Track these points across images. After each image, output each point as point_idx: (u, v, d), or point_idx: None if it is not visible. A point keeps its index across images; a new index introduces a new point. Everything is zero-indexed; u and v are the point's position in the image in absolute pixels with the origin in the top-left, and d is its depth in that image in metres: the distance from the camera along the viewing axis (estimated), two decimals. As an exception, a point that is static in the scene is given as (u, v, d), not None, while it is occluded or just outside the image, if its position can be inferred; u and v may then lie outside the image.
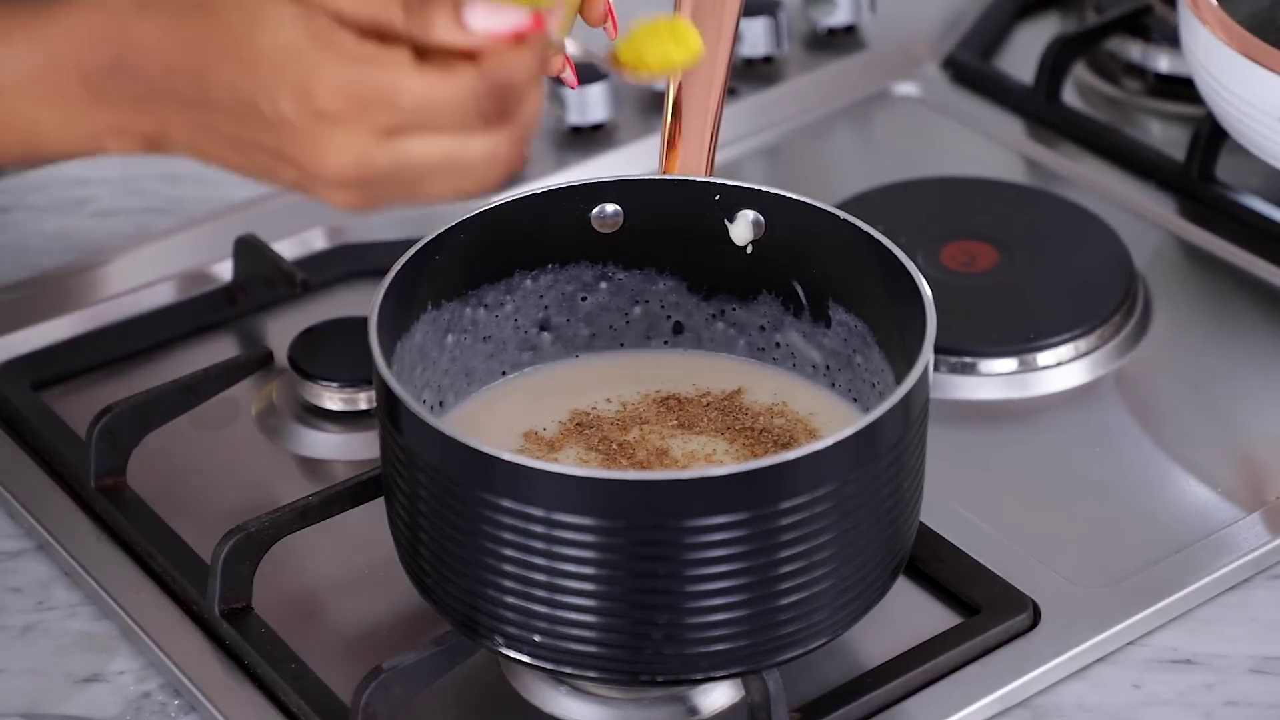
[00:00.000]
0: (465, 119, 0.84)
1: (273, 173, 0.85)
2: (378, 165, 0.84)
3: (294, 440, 1.17)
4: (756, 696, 0.96)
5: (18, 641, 1.05)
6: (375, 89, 0.83)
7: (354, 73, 0.83)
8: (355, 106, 0.83)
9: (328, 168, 0.84)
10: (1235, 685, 1.02)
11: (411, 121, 0.83)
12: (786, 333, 1.07)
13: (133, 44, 0.85)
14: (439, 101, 0.83)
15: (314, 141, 0.83)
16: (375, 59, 0.83)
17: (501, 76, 0.84)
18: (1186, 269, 1.31)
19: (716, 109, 1.07)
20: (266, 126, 0.83)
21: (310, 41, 0.83)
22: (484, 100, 0.84)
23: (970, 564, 1.06)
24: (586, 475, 0.90)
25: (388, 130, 0.83)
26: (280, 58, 0.83)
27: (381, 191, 0.85)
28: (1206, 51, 1.25)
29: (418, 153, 0.84)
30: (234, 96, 0.84)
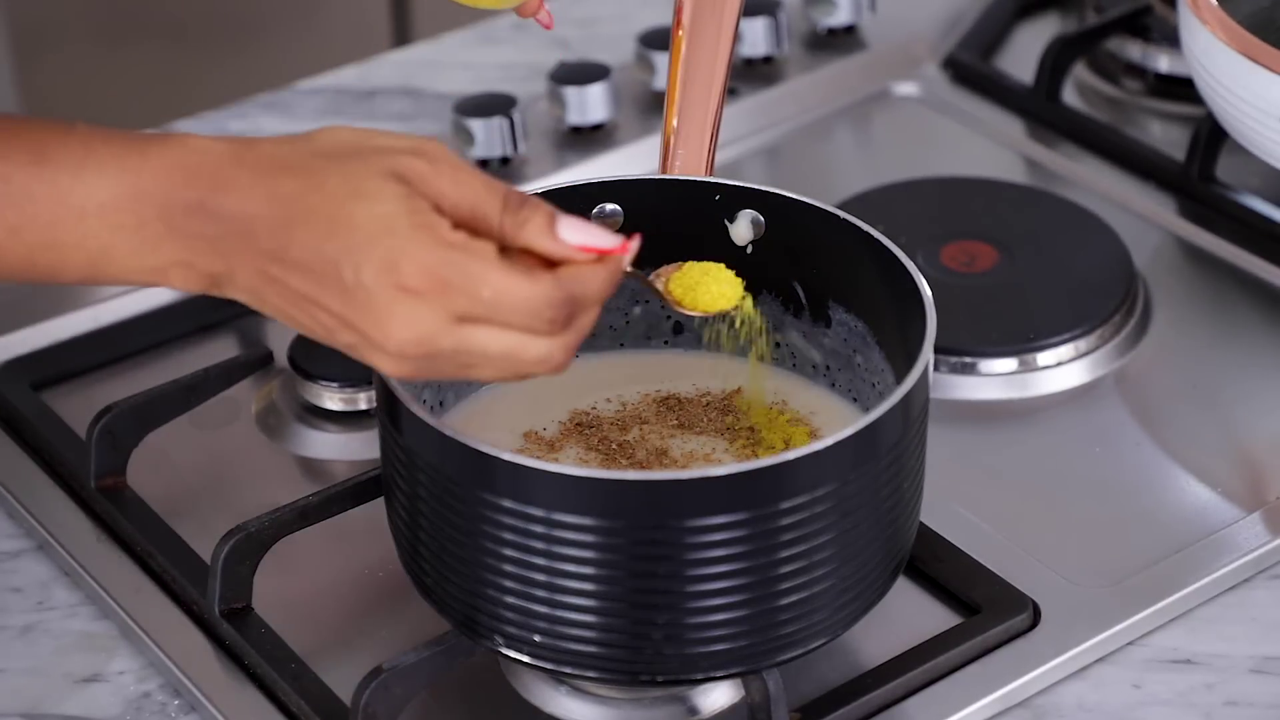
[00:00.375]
0: (533, 321, 0.87)
1: (332, 333, 0.88)
2: (441, 346, 0.86)
3: (294, 440, 1.17)
4: (756, 696, 0.96)
5: (18, 641, 1.05)
6: (460, 274, 0.85)
7: (442, 255, 0.85)
8: (437, 287, 0.85)
9: (393, 339, 0.86)
10: (1235, 685, 1.02)
11: (484, 313, 0.86)
12: (786, 333, 1.07)
13: (221, 188, 0.87)
14: (515, 301, 0.86)
15: (389, 312, 0.85)
16: (465, 247, 0.86)
17: (576, 290, 0.87)
18: (1186, 269, 1.31)
19: (716, 109, 1.07)
20: (341, 291, 0.86)
21: (408, 220, 0.86)
22: (555, 309, 0.87)
23: (970, 564, 1.06)
24: (586, 475, 0.90)
25: (460, 316, 0.86)
26: (375, 228, 0.85)
27: (433, 369, 0.88)
28: (1206, 51, 1.25)
29: (481, 342, 0.87)
30: (316, 256, 0.86)
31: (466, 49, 1.52)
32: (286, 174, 0.87)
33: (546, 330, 0.87)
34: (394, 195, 0.86)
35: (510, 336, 0.87)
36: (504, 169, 1.35)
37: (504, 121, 1.34)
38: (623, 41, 1.47)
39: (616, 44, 1.48)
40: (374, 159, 0.87)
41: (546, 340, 0.87)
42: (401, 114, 1.44)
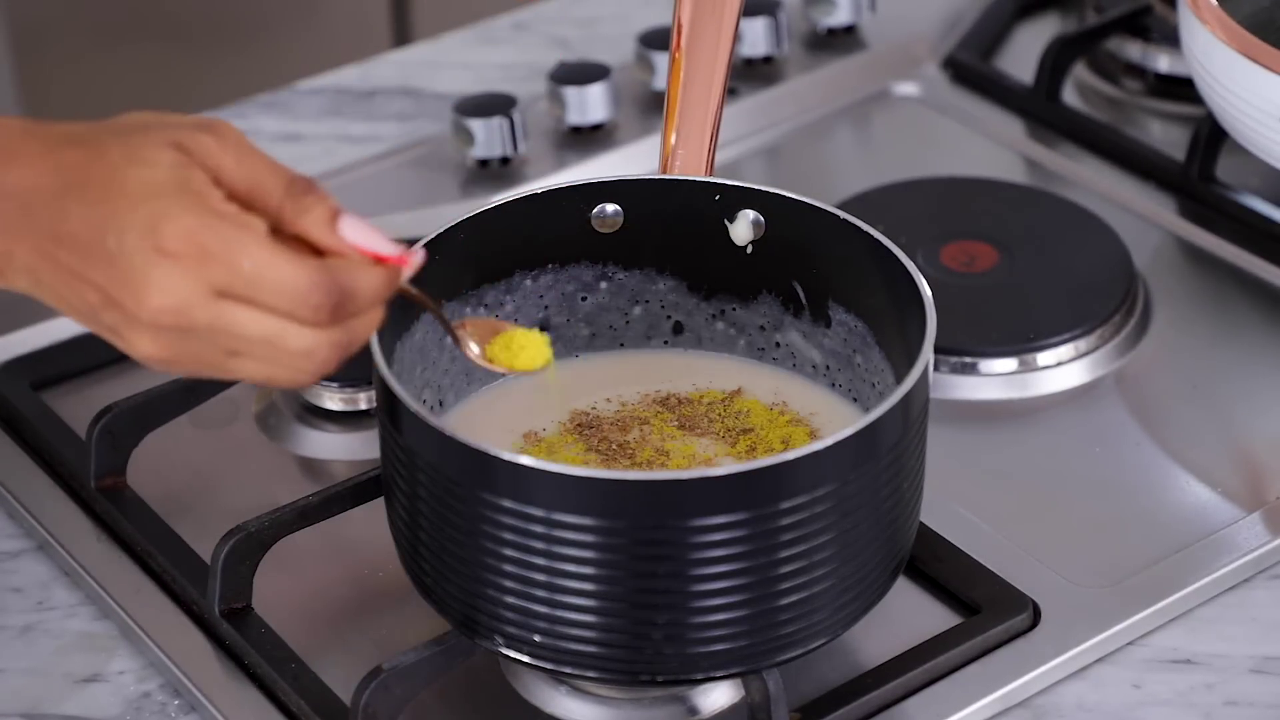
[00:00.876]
0: (295, 306, 0.84)
1: (96, 314, 0.86)
2: (196, 318, 0.84)
3: (294, 440, 1.17)
4: (756, 696, 0.96)
5: (18, 641, 1.05)
6: (220, 243, 0.83)
7: (206, 221, 0.84)
8: (195, 252, 0.83)
9: (147, 305, 0.84)
10: (1235, 685, 1.02)
11: (243, 289, 0.84)
12: (786, 333, 1.07)
13: (9, 162, 0.86)
14: (276, 279, 0.84)
15: (145, 277, 0.83)
16: (232, 217, 0.84)
17: (345, 280, 0.85)
18: (1186, 269, 1.31)
19: (716, 109, 1.07)
20: (105, 261, 0.84)
21: (177, 186, 0.84)
22: (319, 294, 0.84)
23: (970, 564, 1.06)
24: (586, 475, 0.90)
25: (218, 289, 0.84)
26: (142, 193, 0.84)
27: (191, 351, 0.85)
28: (1206, 51, 1.25)
29: (239, 322, 0.84)
30: (85, 225, 0.84)
31: (466, 49, 1.52)
32: (72, 146, 0.86)
33: (311, 319, 0.85)
34: (169, 163, 0.84)
35: (269, 320, 0.84)
36: (504, 169, 1.35)
37: (504, 121, 1.34)
38: (623, 41, 1.47)
39: (616, 44, 1.48)
40: (158, 131, 0.85)
41: (311, 331, 0.85)
42: (401, 114, 1.44)
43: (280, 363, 0.86)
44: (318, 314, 0.85)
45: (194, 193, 0.84)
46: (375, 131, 1.42)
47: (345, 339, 0.86)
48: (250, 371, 0.86)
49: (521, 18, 1.54)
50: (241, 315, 0.84)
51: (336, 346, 0.86)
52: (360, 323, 0.87)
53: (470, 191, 1.34)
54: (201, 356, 0.86)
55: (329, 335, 0.86)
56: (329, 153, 1.40)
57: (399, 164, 1.38)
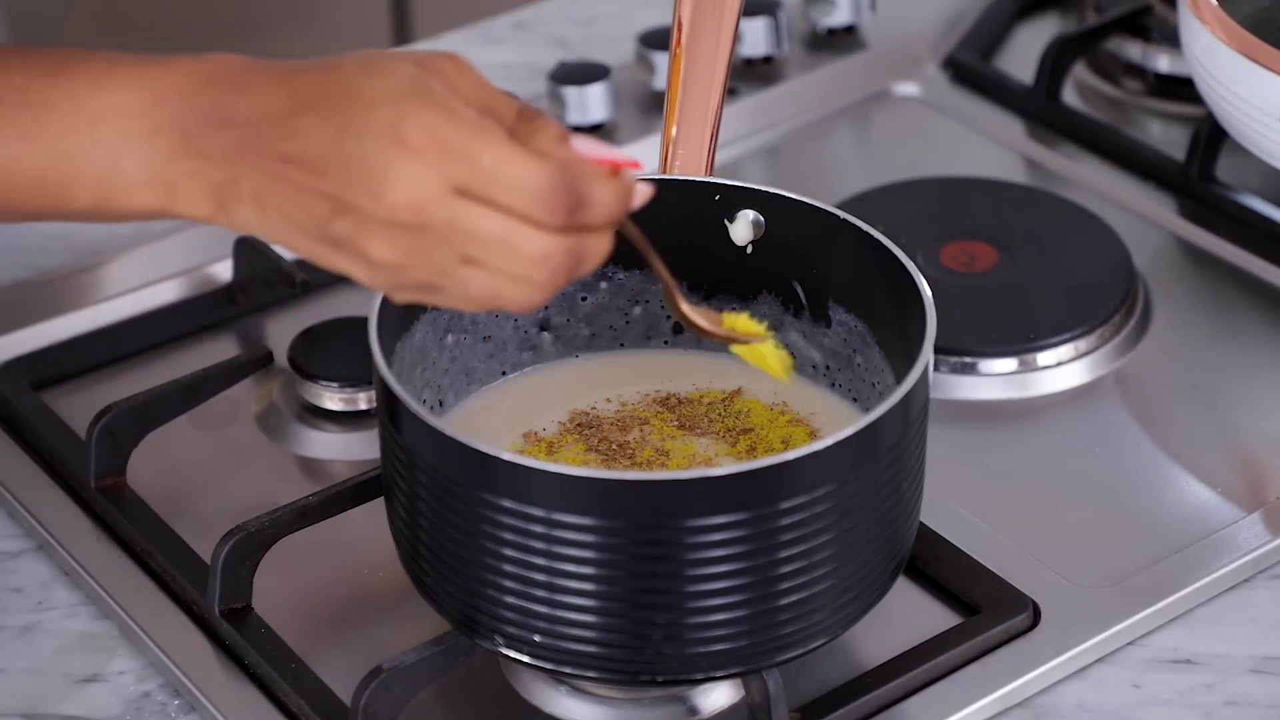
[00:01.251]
0: (531, 204, 0.83)
1: (325, 227, 0.84)
2: (434, 214, 0.83)
3: (294, 440, 1.17)
4: (756, 696, 0.96)
5: (18, 641, 1.05)
6: (462, 139, 0.83)
7: (448, 119, 0.83)
8: (437, 147, 0.83)
9: (386, 201, 0.83)
10: (1235, 685, 1.02)
11: (482, 186, 0.83)
12: (786, 333, 1.07)
13: (240, 90, 0.86)
14: (515, 173, 0.83)
15: (384, 172, 0.83)
16: (473, 119, 0.84)
17: (582, 183, 0.84)
18: (1186, 269, 1.31)
19: (716, 109, 1.07)
20: (341, 165, 0.83)
21: (418, 89, 0.84)
22: (558, 194, 0.84)
23: (970, 564, 1.06)
24: (586, 475, 0.90)
25: (458, 185, 0.83)
26: (383, 97, 0.84)
27: (423, 255, 0.84)
28: (1206, 51, 1.25)
29: (475, 221, 0.83)
30: (319, 136, 0.84)
31: (466, 49, 1.52)
32: (307, 70, 0.86)
33: (548, 219, 0.84)
34: (408, 72, 0.84)
35: (506, 221, 0.83)
36: (504, 169, 1.35)
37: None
38: (623, 41, 1.47)
39: (616, 44, 1.48)
40: (397, 55, 0.86)
41: (546, 235, 0.84)
42: (401, 114, 1.44)
43: (512, 270, 0.84)
44: (554, 214, 0.84)
45: (435, 94, 0.84)
46: (375, 131, 1.42)
47: (578, 249, 0.85)
48: (480, 284, 0.85)
49: (521, 18, 1.54)
50: (478, 215, 0.83)
51: (569, 255, 0.85)
52: (593, 240, 0.86)
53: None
54: (433, 261, 0.84)
55: (563, 242, 0.84)
56: (329, 153, 1.40)
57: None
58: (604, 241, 0.86)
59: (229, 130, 0.85)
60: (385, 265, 0.85)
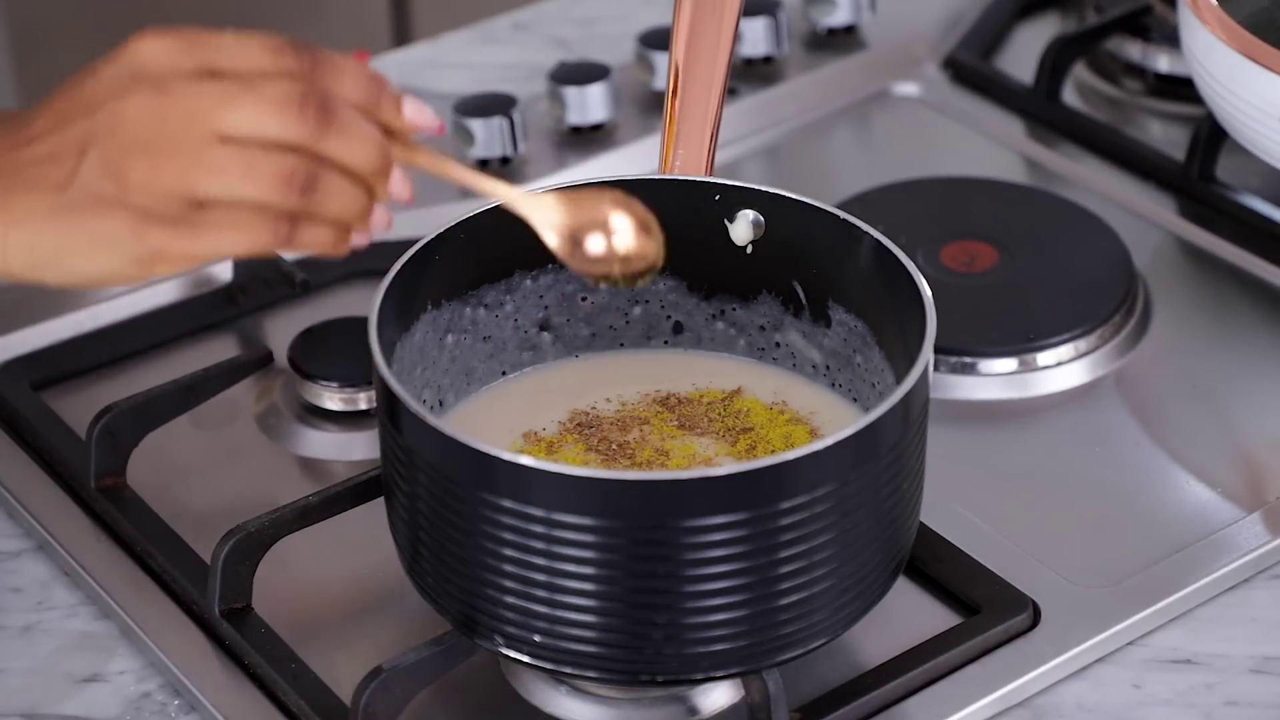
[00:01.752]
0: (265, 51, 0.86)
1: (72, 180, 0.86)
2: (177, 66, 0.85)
3: (294, 440, 1.17)
4: (756, 696, 0.96)
5: (18, 641, 1.05)
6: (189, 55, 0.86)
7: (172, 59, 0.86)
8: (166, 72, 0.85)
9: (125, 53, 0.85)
10: (1235, 685, 1.02)
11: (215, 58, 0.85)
12: (786, 333, 1.07)
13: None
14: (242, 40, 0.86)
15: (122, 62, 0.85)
16: None
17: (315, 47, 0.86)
18: (1186, 269, 1.31)
19: (716, 109, 1.07)
20: (78, 110, 0.85)
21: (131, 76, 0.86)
22: (289, 46, 0.86)
23: (970, 564, 1.06)
24: (586, 475, 0.90)
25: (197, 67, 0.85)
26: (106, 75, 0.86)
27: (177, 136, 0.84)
28: (1206, 51, 1.25)
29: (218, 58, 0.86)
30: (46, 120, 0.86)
31: (466, 49, 1.52)
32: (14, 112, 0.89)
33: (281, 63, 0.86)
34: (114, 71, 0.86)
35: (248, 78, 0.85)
36: (504, 169, 1.35)
37: (504, 121, 1.34)
38: (623, 41, 1.47)
39: (616, 44, 1.48)
40: None
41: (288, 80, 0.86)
42: (401, 114, 1.44)
43: (263, 107, 0.85)
44: (282, 56, 0.86)
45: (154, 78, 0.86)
46: (375, 131, 1.42)
47: (323, 101, 0.86)
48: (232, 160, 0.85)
49: (521, 18, 1.54)
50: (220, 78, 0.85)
51: (309, 100, 0.85)
52: (346, 114, 0.86)
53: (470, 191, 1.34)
54: (189, 140, 0.84)
55: (302, 88, 0.85)
56: (329, 153, 1.40)
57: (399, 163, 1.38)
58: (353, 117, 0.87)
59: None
60: (138, 180, 0.85)
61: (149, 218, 0.86)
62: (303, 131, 0.85)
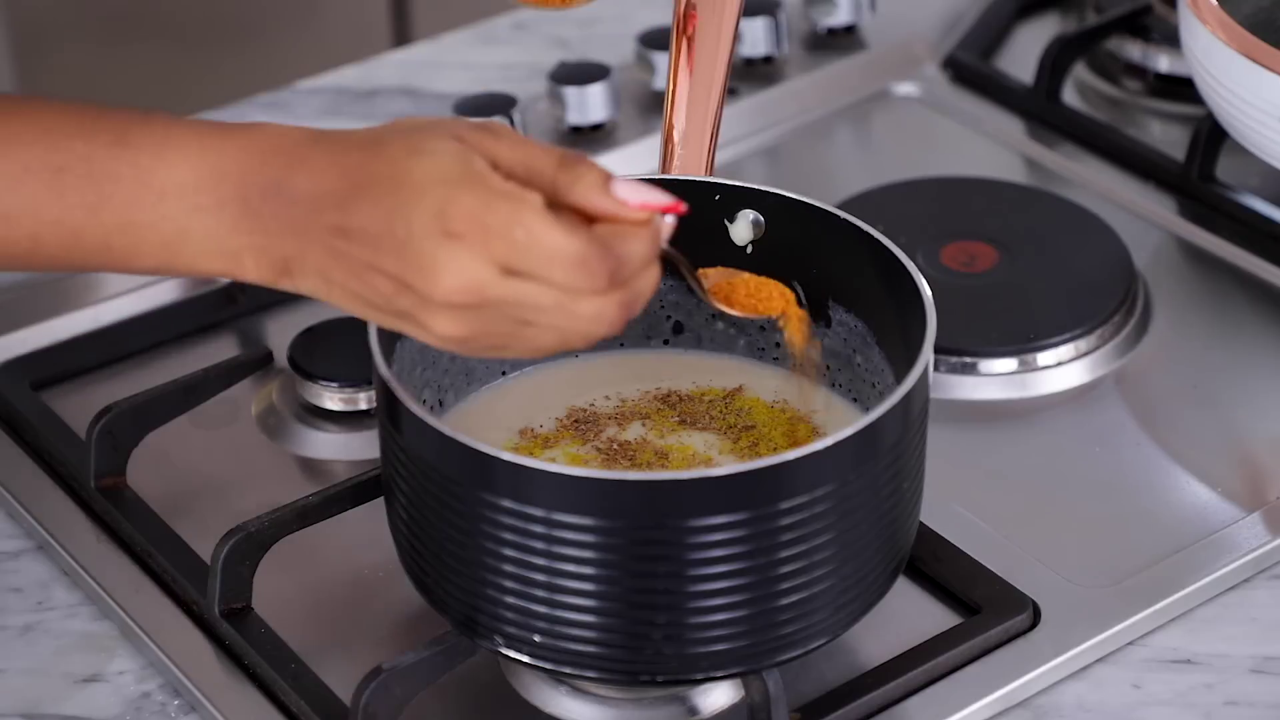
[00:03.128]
0: (572, 276, 0.86)
1: (391, 301, 0.88)
2: (490, 294, 0.86)
3: (294, 440, 1.17)
4: (756, 696, 0.96)
5: (18, 641, 1.05)
6: (499, 218, 0.86)
7: (487, 200, 0.86)
8: (478, 230, 0.86)
9: (441, 287, 0.86)
10: (1235, 685, 1.02)
11: (525, 262, 0.86)
12: (786, 333, 1.07)
13: (296, 167, 0.88)
14: (548, 247, 0.86)
15: (434, 260, 0.86)
16: (510, 194, 0.86)
17: (614, 242, 0.87)
18: (1186, 269, 1.31)
19: (716, 109, 1.07)
20: (395, 248, 0.86)
21: (459, 169, 0.86)
22: (595, 261, 0.86)
23: (970, 564, 1.06)
24: (586, 475, 0.90)
25: (504, 265, 0.86)
26: (427, 181, 0.86)
27: (486, 327, 0.87)
28: (1206, 51, 1.25)
29: (527, 294, 0.87)
30: (373, 219, 0.87)
31: (466, 49, 1.52)
32: (356, 148, 0.88)
33: (589, 286, 0.87)
34: (449, 150, 0.87)
35: (557, 292, 0.87)
36: (504, 169, 1.35)
37: (504, 121, 1.34)
38: (623, 41, 1.47)
39: (616, 44, 1.48)
40: (438, 127, 0.88)
41: (596, 297, 0.87)
42: (401, 114, 1.43)
43: (571, 329, 0.88)
44: (594, 280, 0.87)
45: (475, 174, 0.86)
46: (375, 131, 1.42)
47: (629, 298, 0.88)
48: (545, 341, 0.88)
49: (521, 18, 1.54)
50: (529, 288, 0.86)
51: (622, 306, 0.88)
52: (641, 280, 0.89)
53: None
54: (495, 331, 0.88)
55: (614, 297, 0.87)
56: (329, 153, 1.40)
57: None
58: (652, 277, 0.89)
59: (289, 207, 0.88)
60: (452, 338, 0.88)
61: (464, 341, 0.89)
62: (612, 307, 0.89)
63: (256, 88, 1.49)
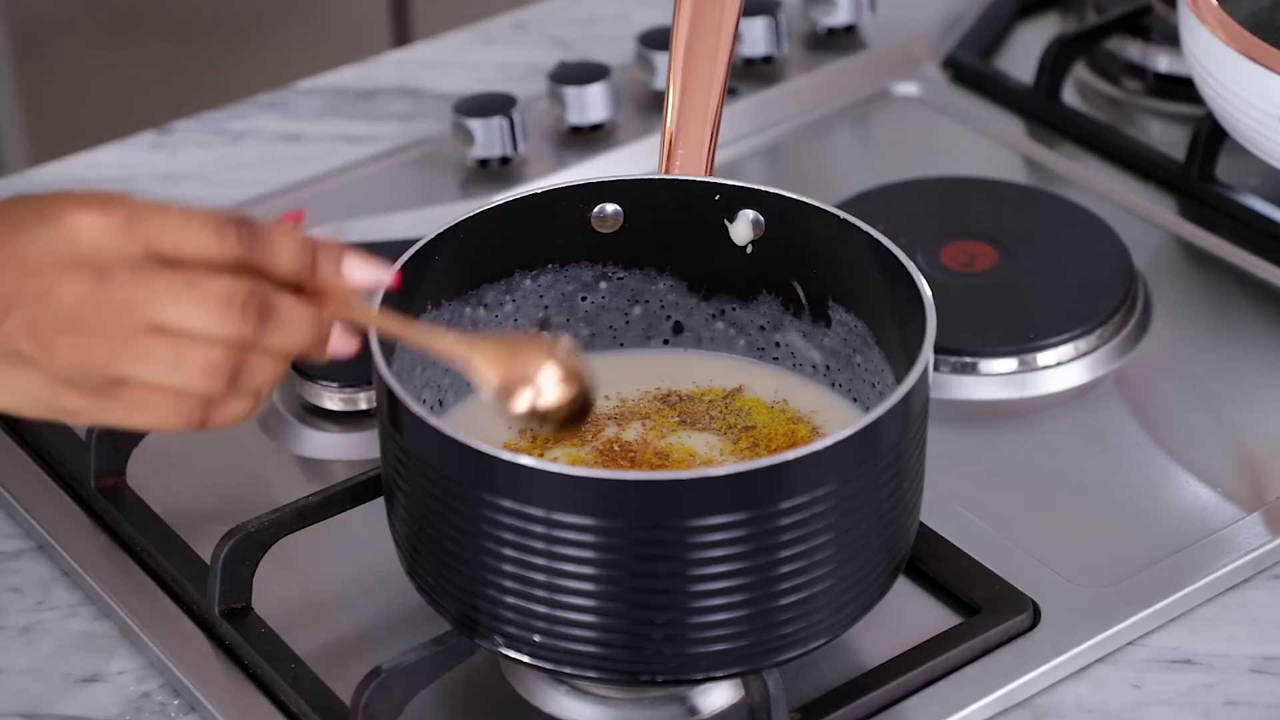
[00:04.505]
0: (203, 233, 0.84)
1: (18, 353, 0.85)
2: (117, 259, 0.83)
3: (294, 440, 1.17)
4: (756, 696, 0.96)
5: (18, 641, 1.05)
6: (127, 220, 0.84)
7: None
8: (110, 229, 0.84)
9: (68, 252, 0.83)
10: (1235, 685, 1.02)
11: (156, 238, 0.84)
12: (786, 333, 1.07)
13: None
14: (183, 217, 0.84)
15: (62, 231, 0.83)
16: None
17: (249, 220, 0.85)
18: (1186, 269, 1.31)
19: (716, 109, 1.07)
20: None
21: None
22: (226, 222, 0.85)
23: (970, 564, 1.06)
24: (586, 475, 0.90)
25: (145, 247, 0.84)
26: None
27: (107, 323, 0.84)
28: (1206, 51, 1.25)
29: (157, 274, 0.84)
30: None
31: (466, 49, 1.52)
32: None
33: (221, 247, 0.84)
34: None
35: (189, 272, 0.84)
36: (504, 169, 1.35)
37: (504, 121, 1.34)
38: (623, 41, 1.47)
39: (616, 44, 1.48)
40: None
41: (228, 277, 0.84)
42: (401, 114, 1.44)
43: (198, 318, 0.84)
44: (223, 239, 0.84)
45: None
46: (375, 131, 1.42)
47: (262, 294, 0.85)
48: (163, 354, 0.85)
49: (521, 18, 1.54)
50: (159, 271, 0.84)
51: (253, 295, 0.85)
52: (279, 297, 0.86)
53: (470, 191, 1.34)
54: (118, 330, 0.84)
55: (245, 282, 0.85)
56: (329, 153, 1.40)
57: (399, 164, 1.38)
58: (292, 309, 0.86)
59: None
60: (62, 355, 0.85)
61: (67, 384, 0.86)
62: (242, 330, 0.85)
63: (256, 88, 1.49)
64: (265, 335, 0.86)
